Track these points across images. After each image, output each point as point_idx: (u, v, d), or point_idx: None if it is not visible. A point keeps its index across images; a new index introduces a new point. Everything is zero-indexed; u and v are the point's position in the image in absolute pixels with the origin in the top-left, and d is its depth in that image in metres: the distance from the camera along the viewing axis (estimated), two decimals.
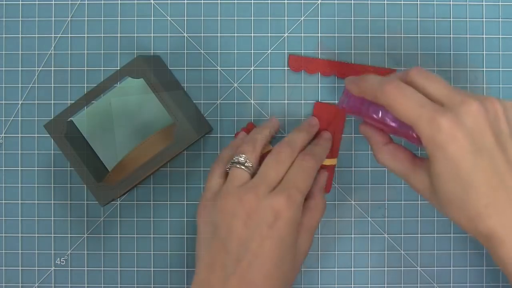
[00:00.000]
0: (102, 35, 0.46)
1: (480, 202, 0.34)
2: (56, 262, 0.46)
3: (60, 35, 0.46)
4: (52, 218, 0.46)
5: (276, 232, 0.37)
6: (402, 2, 0.46)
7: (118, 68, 0.45)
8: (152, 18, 0.46)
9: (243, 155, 0.40)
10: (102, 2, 0.46)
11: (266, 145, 0.42)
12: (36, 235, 0.46)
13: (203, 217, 0.40)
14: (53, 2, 0.46)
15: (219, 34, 0.46)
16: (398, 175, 0.39)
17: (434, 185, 0.36)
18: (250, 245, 0.37)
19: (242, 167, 0.40)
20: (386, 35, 0.46)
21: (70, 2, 0.46)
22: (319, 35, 0.46)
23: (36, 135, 0.46)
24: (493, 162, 0.34)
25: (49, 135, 0.41)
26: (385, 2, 0.46)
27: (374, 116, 0.39)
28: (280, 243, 0.38)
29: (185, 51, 0.46)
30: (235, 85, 0.46)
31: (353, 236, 0.46)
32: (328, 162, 0.45)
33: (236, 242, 0.38)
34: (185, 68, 0.46)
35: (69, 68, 0.46)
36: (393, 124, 0.38)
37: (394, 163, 0.39)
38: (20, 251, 0.46)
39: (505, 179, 0.34)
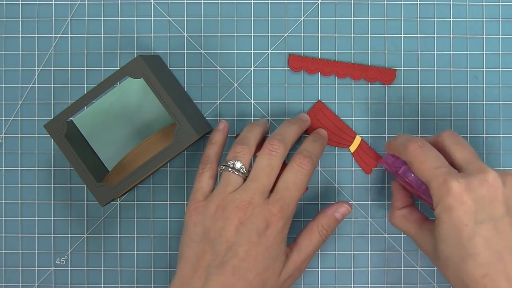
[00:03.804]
0: (102, 35, 0.46)
1: (477, 271, 0.34)
2: (56, 262, 0.46)
3: (60, 35, 0.46)
4: (52, 218, 0.46)
5: (264, 240, 0.38)
6: (402, 2, 0.46)
7: (118, 68, 0.45)
8: (152, 18, 0.46)
9: (239, 162, 0.39)
10: (102, 2, 0.46)
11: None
12: (36, 235, 0.46)
13: (194, 218, 0.40)
14: (53, 2, 0.46)
15: (219, 34, 0.46)
16: (408, 236, 0.41)
17: (437, 248, 0.36)
18: (238, 250, 0.37)
19: (236, 173, 0.39)
20: (386, 35, 0.46)
21: (70, 2, 0.46)
22: (319, 35, 0.46)
23: (36, 135, 0.46)
24: (498, 233, 0.34)
25: (49, 135, 0.41)
26: (385, 2, 0.46)
27: (399, 172, 0.40)
28: (266, 251, 0.38)
29: (185, 51, 0.46)
30: (235, 85, 0.46)
31: (353, 236, 0.46)
32: None
33: (224, 245, 0.38)
34: (185, 68, 0.46)
35: (69, 68, 0.46)
36: (412, 184, 0.39)
37: (404, 225, 0.41)
38: (20, 251, 0.46)
39: (505, 252, 0.34)
